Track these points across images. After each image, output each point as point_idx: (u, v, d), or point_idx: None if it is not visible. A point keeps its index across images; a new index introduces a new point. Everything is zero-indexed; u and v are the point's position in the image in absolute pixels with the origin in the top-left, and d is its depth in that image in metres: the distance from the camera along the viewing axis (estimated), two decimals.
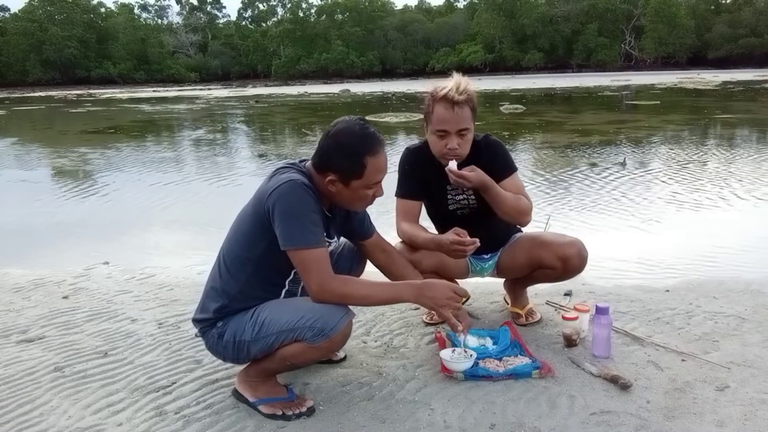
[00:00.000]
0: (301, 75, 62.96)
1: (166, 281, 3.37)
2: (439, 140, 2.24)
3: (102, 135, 13.02)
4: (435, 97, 2.22)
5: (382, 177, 1.87)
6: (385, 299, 1.88)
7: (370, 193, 1.87)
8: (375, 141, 1.82)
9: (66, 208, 5.73)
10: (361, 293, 1.81)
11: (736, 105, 16.69)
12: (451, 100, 2.17)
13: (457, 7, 78.36)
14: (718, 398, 1.92)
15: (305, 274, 1.77)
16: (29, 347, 2.45)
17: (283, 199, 1.75)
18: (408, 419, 1.84)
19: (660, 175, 6.34)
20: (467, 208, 2.42)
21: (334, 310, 1.75)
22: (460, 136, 2.21)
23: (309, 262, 1.75)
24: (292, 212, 1.74)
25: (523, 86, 32.24)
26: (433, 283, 1.85)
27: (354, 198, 1.87)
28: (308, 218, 1.75)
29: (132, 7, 74.85)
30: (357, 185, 1.83)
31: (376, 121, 13.97)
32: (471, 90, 2.21)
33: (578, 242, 2.35)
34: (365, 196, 1.88)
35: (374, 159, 1.81)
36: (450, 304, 1.82)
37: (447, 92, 2.18)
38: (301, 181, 1.79)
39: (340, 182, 1.82)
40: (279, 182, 1.77)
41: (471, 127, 2.24)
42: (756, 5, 56.43)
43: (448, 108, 2.18)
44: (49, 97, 35.01)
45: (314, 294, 1.77)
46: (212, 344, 1.93)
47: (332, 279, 1.77)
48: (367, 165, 1.80)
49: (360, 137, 1.81)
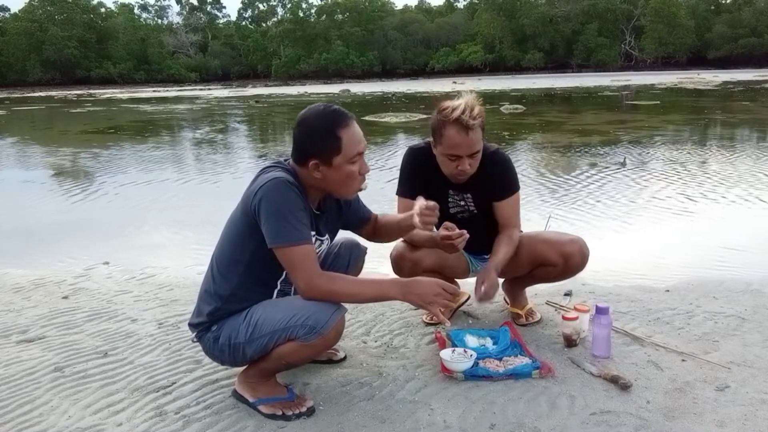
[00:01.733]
0: (301, 75, 62.98)
1: (166, 281, 3.37)
2: (450, 162, 2.23)
3: (102, 135, 13.03)
4: (447, 119, 2.15)
5: (362, 148, 1.84)
6: (372, 296, 1.86)
7: (354, 168, 1.84)
8: (342, 114, 1.82)
9: (66, 208, 5.73)
10: (347, 290, 1.81)
11: (736, 105, 16.69)
12: (465, 125, 2.11)
13: (457, 7, 78.46)
14: (718, 398, 1.92)
15: (292, 271, 1.77)
16: (29, 347, 2.45)
17: (267, 198, 1.75)
18: (408, 419, 1.84)
19: (660, 175, 6.34)
20: (467, 212, 2.43)
21: (325, 307, 1.75)
22: (471, 158, 2.21)
23: (295, 259, 1.75)
24: (277, 210, 1.74)
25: (523, 86, 32.23)
26: (420, 280, 1.84)
27: (342, 178, 1.83)
28: (293, 215, 1.75)
29: (132, 7, 75.08)
30: (339, 161, 1.80)
31: (376, 121, 13.97)
32: (482, 110, 2.17)
33: (580, 240, 2.36)
34: (351, 174, 1.84)
35: (347, 130, 1.80)
36: (437, 301, 1.80)
37: (460, 116, 2.11)
38: (286, 178, 1.78)
39: (324, 165, 1.80)
40: (263, 181, 1.77)
41: (481, 147, 2.23)
42: (756, 5, 56.46)
43: (461, 132, 2.13)
44: (49, 97, 35.02)
45: (301, 290, 1.77)
46: (209, 348, 1.93)
47: (319, 276, 1.77)
48: (342, 137, 1.79)
49: (327, 115, 1.81)
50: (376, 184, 6.29)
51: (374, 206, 1.99)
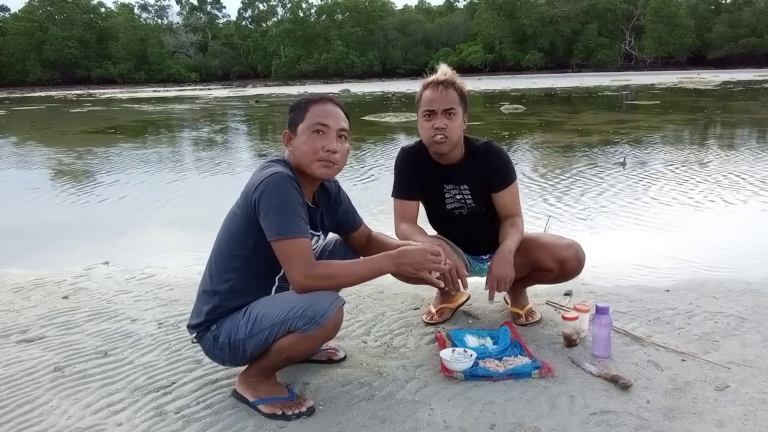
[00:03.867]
0: (301, 75, 62.93)
1: (166, 281, 3.37)
2: (426, 122, 2.27)
3: (102, 135, 13.03)
4: (423, 85, 2.32)
5: (327, 122, 1.87)
6: (367, 274, 1.87)
7: (316, 139, 1.85)
8: (323, 95, 1.93)
9: (66, 208, 5.72)
10: (343, 271, 1.84)
11: (736, 105, 16.69)
12: (436, 82, 2.27)
13: (457, 7, 78.45)
14: (718, 398, 1.92)
15: (288, 263, 1.77)
16: (29, 347, 2.45)
17: (267, 192, 1.77)
18: (408, 419, 1.84)
19: (660, 175, 6.34)
20: (465, 208, 2.42)
21: (323, 297, 1.76)
22: (446, 117, 2.23)
23: (292, 251, 1.76)
24: (276, 203, 1.76)
25: (523, 86, 32.23)
26: (408, 249, 1.88)
27: (303, 147, 1.86)
28: (293, 209, 1.77)
29: (132, 7, 74.98)
30: (302, 128, 1.87)
31: (376, 121, 13.97)
32: (457, 77, 2.30)
33: (575, 245, 2.35)
34: (311, 142, 1.85)
35: (318, 105, 1.90)
36: (428, 266, 1.85)
37: (433, 77, 2.30)
38: (285, 173, 1.81)
39: (291, 133, 1.90)
40: (264, 176, 1.80)
41: (459, 112, 2.27)
42: (756, 5, 56.46)
43: (434, 89, 2.27)
44: (49, 97, 35.00)
45: (298, 283, 1.77)
46: (209, 348, 1.93)
47: (315, 264, 1.79)
48: (310, 109, 1.88)
49: (309, 95, 1.93)
50: (377, 183, 6.30)
51: (374, 206, 1.99)
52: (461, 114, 2.28)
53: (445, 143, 2.26)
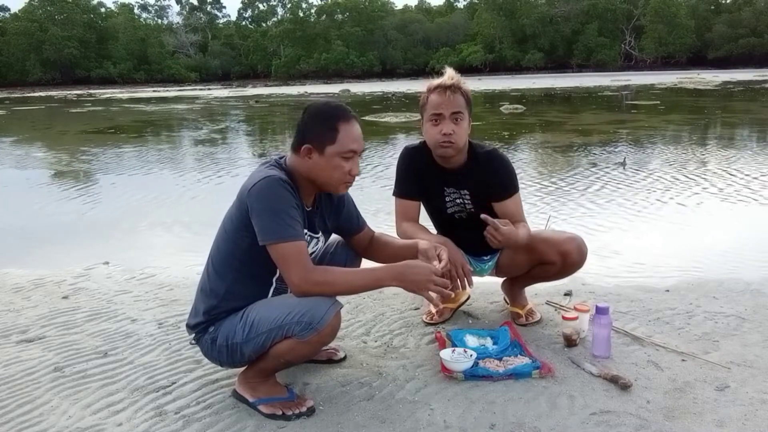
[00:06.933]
0: (301, 75, 62.93)
1: (166, 281, 3.37)
2: (433, 127, 2.26)
3: (102, 135, 13.02)
4: (429, 88, 2.30)
5: (356, 147, 1.87)
6: (367, 284, 1.85)
7: (345, 166, 1.86)
8: (347, 110, 1.88)
9: (66, 208, 5.72)
10: (341, 279, 1.81)
11: (736, 105, 16.69)
12: (444, 86, 2.25)
13: (457, 7, 78.43)
14: (718, 398, 1.92)
15: (285, 267, 1.77)
16: (29, 347, 2.45)
17: (260, 195, 1.76)
18: (408, 419, 1.84)
19: (660, 175, 6.34)
20: (465, 212, 2.42)
21: (320, 302, 1.75)
22: (454, 122, 2.23)
23: (288, 255, 1.75)
24: (269, 207, 1.75)
25: (523, 86, 32.23)
26: (412, 266, 1.84)
27: (329, 169, 1.85)
28: (285, 213, 1.76)
29: (132, 7, 74.96)
30: (331, 152, 1.83)
31: (376, 121, 13.97)
32: (464, 82, 2.29)
33: (578, 237, 2.36)
34: (340, 168, 1.85)
35: (347, 125, 1.85)
36: (431, 288, 1.82)
37: (439, 81, 2.27)
38: (278, 176, 1.79)
39: (316, 151, 1.84)
40: (256, 179, 1.79)
41: (465, 117, 2.26)
42: (756, 5, 56.44)
43: (441, 93, 2.25)
44: (49, 97, 35.00)
45: (296, 287, 1.76)
46: (207, 350, 1.94)
47: (313, 269, 1.78)
48: (340, 130, 1.84)
49: (332, 107, 1.88)
50: (377, 183, 6.29)
51: (374, 206, 1.99)
52: (467, 118, 2.28)
53: (451, 148, 2.26)
